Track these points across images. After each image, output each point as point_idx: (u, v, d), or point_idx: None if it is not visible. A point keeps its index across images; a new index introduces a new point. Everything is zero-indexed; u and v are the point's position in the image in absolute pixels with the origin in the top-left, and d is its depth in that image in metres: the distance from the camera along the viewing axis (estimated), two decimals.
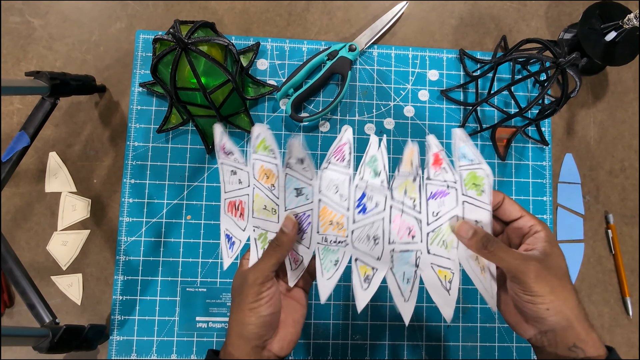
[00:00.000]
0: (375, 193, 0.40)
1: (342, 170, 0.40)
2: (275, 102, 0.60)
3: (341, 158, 0.40)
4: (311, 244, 0.41)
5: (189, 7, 0.61)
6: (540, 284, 0.35)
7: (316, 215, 0.41)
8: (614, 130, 0.64)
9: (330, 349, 0.56)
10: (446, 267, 0.40)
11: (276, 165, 0.41)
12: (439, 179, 0.40)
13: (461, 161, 0.40)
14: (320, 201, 0.41)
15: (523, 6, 0.65)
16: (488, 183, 0.39)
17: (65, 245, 0.56)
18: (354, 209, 0.40)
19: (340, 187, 0.40)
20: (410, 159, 0.40)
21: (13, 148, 0.50)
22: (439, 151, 0.40)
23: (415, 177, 0.40)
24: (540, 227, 0.38)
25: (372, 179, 0.40)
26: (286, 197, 0.41)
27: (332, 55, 0.59)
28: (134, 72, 0.59)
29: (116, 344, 0.55)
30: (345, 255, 0.41)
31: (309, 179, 0.40)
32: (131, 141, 0.58)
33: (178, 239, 0.57)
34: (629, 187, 0.63)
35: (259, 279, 0.38)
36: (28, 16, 0.59)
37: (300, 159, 0.41)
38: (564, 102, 0.52)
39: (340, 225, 0.40)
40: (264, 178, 0.41)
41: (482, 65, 0.62)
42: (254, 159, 0.42)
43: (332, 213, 0.40)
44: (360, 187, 0.40)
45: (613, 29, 0.58)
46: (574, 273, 0.61)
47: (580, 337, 0.35)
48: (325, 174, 0.40)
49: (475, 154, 0.40)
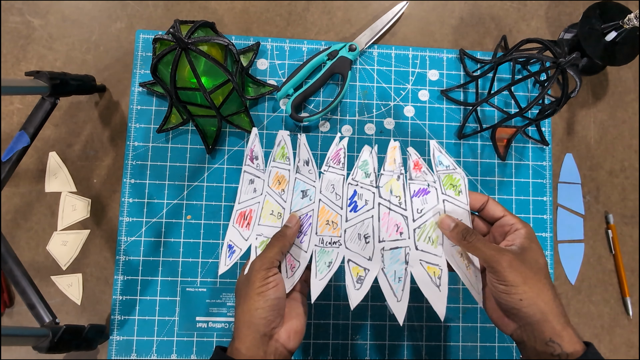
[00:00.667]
0: (365, 191, 0.46)
1: (338, 172, 0.47)
2: (275, 102, 0.60)
3: (337, 161, 0.47)
4: (309, 247, 0.45)
5: (189, 7, 0.61)
6: (513, 273, 0.37)
7: (316, 216, 0.46)
8: (614, 130, 0.64)
9: (330, 349, 0.56)
10: (434, 263, 0.43)
11: (289, 171, 0.48)
12: (420, 179, 0.46)
13: (438, 167, 0.47)
14: (320, 201, 0.46)
15: (523, 6, 0.65)
16: (464, 185, 0.46)
17: (65, 245, 0.56)
18: (347, 207, 0.46)
19: (336, 186, 0.46)
20: (393, 156, 0.47)
21: (13, 148, 0.50)
22: (418, 159, 0.47)
23: (399, 176, 0.46)
24: (521, 225, 0.41)
25: (363, 179, 0.47)
26: (293, 199, 0.47)
27: (332, 55, 0.59)
28: (134, 72, 0.59)
29: (116, 344, 0.55)
30: (339, 256, 0.44)
31: (313, 181, 0.47)
32: (131, 141, 0.58)
33: (178, 239, 0.57)
34: (629, 187, 0.63)
35: (265, 264, 0.41)
36: (28, 16, 0.59)
37: (305, 161, 0.47)
38: (564, 102, 0.52)
39: (335, 224, 0.45)
40: (277, 184, 0.48)
41: (482, 65, 0.62)
42: (272, 166, 0.49)
43: (328, 212, 0.46)
44: (352, 185, 0.46)
45: (613, 29, 0.58)
46: (574, 273, 0.61)
47: (556, 332, 0.37)
48: (325, 176, 0.47)
49: (450, 161, 0.47)
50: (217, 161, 0.58)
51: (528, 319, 0.37)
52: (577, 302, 0.60)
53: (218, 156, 0.58)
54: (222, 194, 0.58)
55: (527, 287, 0.37)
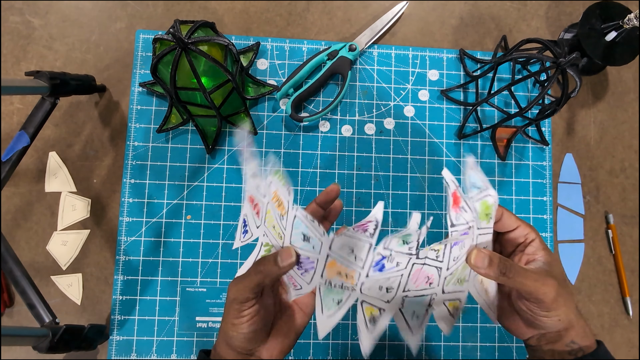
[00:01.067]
0: (399, 255, 0.34)
1: (363, 239, 0.34)
2: (275, 102, 0.60)
3: (362, 230, 0.34)
4: (312, 282, 0.36)
5: (189, 7, 0.61)
6: (557, 301, 0.35)
7: (322, 266, 0.35)
8: (614, 130, 0.64)
9: (330, 349, 0.56)
10: (455, 298, 0.38)
11: (288, 202, 0.35)
12: (461, 223, 0.35)
13: (472, 191, 0.36)
14: (328, 257, 0.35)
15: (523, 6, 0.65)
16: (494, 210, 0.37)
17: (65, 245, 0.56)
18: (370, 268, 0.34)
19: (356, 249, 0.34)
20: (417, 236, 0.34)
21: (13, 148, 0.50)
22: (457, 188, 0.35)
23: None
24: (534, 235, 0.38)
25: (399, 247, 0.33)
26: (292, 236, 0.35)
27: (332, 55, 0.59)
28: (134, 72, 0.59)
29: (116, 344, 0.55)
30: (351, 297, 0.36)
31: (320, 235, 0.34)
32: (131, 141, 0.58)
33: (178, 239, 0.57)
34: (629, 187, 0.63)
35: (238, 298, 0.35)
36: (28, 16, 0.59)
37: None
38: (564, 102, 0.52)
39: (350, 276, 0.35)
40: (276, 203, 0.36)
41: (482, 65, 0.62)
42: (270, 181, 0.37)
43: (341, 266, 0.35)
44: (380, 253, 0.34)
45: (613, 29, 0.58)
46: (574, 273, 0.61)
47: (579, 334, 0.36)
48: (339, 239, 0.34)
49: (483, 180, 0.37)
50: (217, 161, 0.58)
51: (558, 329, 0.36)
52: (577, 302, 0.60)
53: (218, 156, 0.58)
54: (222, 194, 0.58)
55: (565, 307, 0.35)
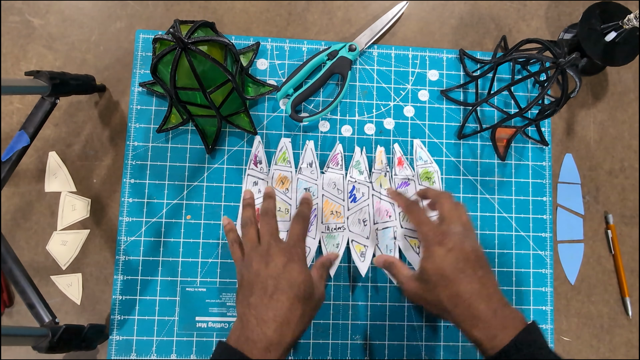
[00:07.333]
0: (361, 185, 0.57)
1: (337, 172, 0.57)
2: (275, 102, 0.60)
3: (336, 163, 0.57)
4: (316, 234, 0.56)
5: (189, 7, 0.61)
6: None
7: (321, 209, 0.56)
8: (613, 130, 0.64)
9: (330, 349, 0.56)
10: (414, 237, 0.57)
11: (290, 172, 0.57)
12: (402, 174, 0.58)
13: (418, 162, 0.59)
14: (323, 196, 0.57)
15: (523, 6, 0.65)
16: (437, 177, 0.59)
17: (64, 245, 0.56)
18: (348, 199, 0.57)
19: (337, 183, 0.57)
20: (380, 158, 0.58)
21: (13, 148, 0.50)
22: (401, 156, 0.59)
23: (385, 173, 0.58)
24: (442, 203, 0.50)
25: (358, 176, 0.57)
26: (297, 195, 0.56)
27: (332, 55, 0.59)
28: (133, 71, 0.59)
29: (116, 344, 0.55)
30: (344, 238, 0.56)
31: (315, 180, 0.57)
32: (131, 141, 0.58)
33: (178, 239, 0.57)
34: (628, 187, 0.63)
35: (302, 234, 0.49)
36: (28, 15, 0.59)
37: (309, 163, 0.57)
38: (564, 102, 0.52)
39: (338, 213, 0.57)
40: (280, 184, 0.56)
41: (482, 66, 0.62)
42: (274, 169, 0.56)
43: (332, 204, 0.57)
44: (351, 182, 0.57)
45: (613, 29, 0.58)
46: (573, 273, 0.61)
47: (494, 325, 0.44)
48: (326, 175, 0.57)
49: (427, 157, 0.59)
50: (217, 161, 0.58)
51: (432, 278, 0.47)
52: (577, 302, 0.60)
53: (218, 156, 0.58)
54: (222, 194, 0.58)
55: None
